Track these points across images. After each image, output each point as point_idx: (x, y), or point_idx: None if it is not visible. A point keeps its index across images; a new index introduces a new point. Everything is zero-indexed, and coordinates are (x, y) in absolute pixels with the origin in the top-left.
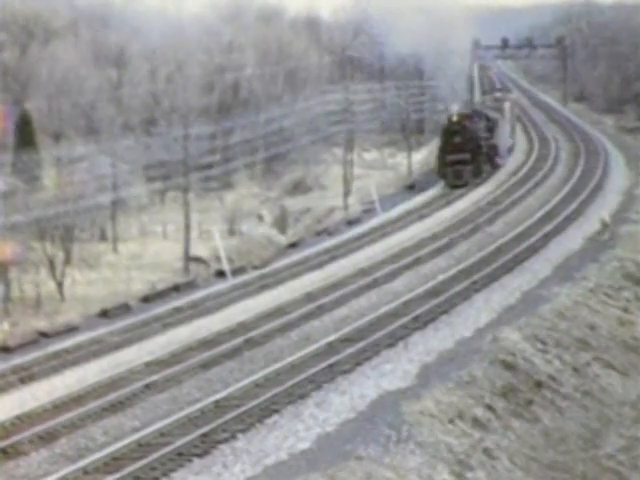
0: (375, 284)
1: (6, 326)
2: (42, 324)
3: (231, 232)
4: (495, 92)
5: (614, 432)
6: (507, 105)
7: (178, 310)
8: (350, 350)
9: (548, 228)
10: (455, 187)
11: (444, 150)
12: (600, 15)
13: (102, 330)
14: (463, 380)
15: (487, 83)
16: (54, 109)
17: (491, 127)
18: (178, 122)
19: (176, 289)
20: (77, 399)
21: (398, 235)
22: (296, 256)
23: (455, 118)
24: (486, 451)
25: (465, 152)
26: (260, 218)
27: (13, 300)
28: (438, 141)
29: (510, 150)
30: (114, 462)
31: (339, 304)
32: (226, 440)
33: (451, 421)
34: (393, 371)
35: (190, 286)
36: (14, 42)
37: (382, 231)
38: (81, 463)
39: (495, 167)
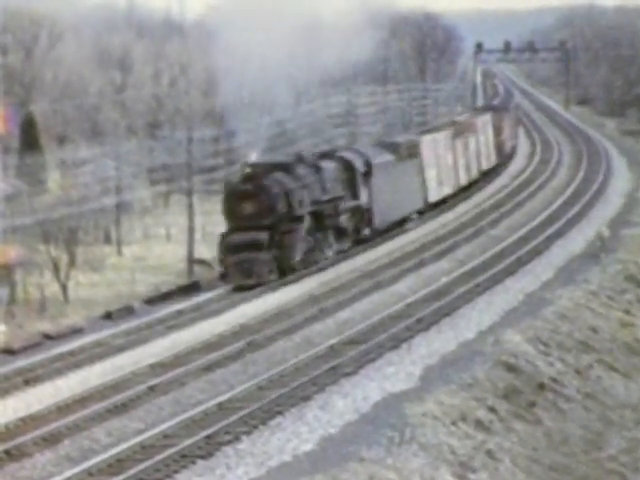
0: None
1: (2, 327)
2: (46, 326)
3: None
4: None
5: (616, 434)
6: (426, 141)
7: (181, 312)
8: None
9: (550, 231)
10: (242, 289)
11: (229, 226)
12: (602, 18)
13: (106, 332)
14: (466, 382)
15: (491, 89)
16: (58, 112)
17: (351, 179)
18: (182, 125)
19: (180, 291)
20: (81, 401)
21: None
22: None
23: (248, 171)
24: (489, 453)
25: (260, 229)
26: None
27: (17, 302)
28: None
29: (511, 153)
30: (118, 464)
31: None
32: (230, 442)
33: (454, 423)
34: (396, 373)
35: (194, 288)
36: (18, 45)
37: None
38: (85, 465)
39: (363, 241)
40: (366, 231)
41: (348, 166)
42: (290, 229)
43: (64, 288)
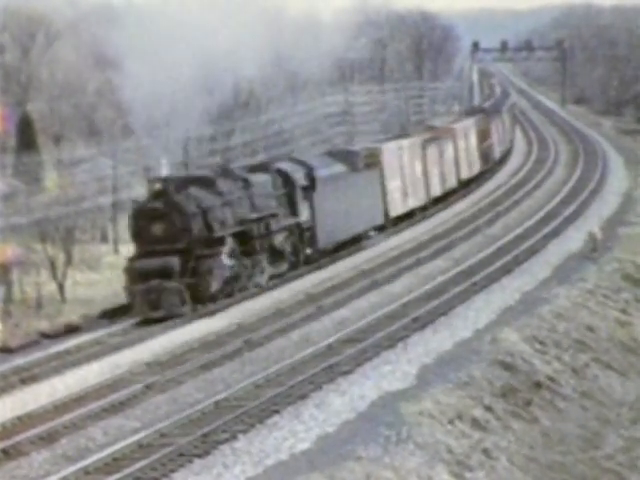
0: None
1: (0, 326)
2: (43, 325)
3: None
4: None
5: (613, 433)
6: (389, 148)
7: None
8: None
9: (547, 230)
10: (149, 322)
11: (137, 249)
12: (599, 18)
13: (103, 331)
14: (462, 381)
15: (488, 89)
16: (55, 111)
17: (289, 194)
18: (178, 124)
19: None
20: (78, 400)
21: None
22: None
23: (158, 187)
24: (485, 452)
25: (171, 253)
26: None
27: (14, 301)
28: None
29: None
30: (115, 462)
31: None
32: (226, 440)
33: (450, 422)
34: (393, 372)
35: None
36: (16, 43)
37: None
38: (82, 463)
39: (305, 263)
40: (308, 252)
41: (285, 179)
42: (208, 253)
43: (61, 287)
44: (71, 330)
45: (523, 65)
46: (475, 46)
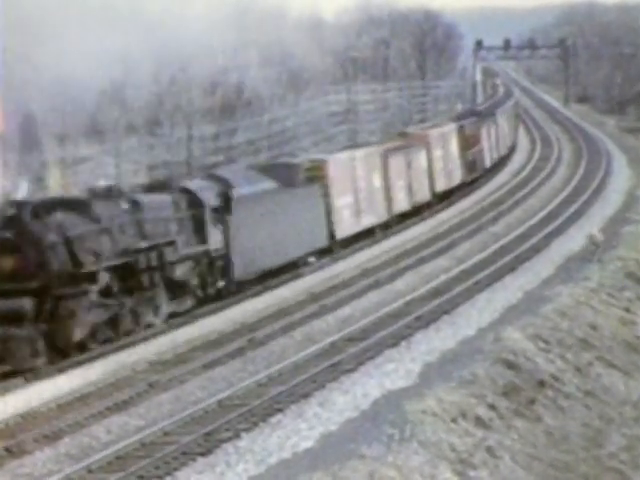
0: None
1: None
2: None
3: None
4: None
5: (616, 431)
6: (335, 161)
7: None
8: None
9: (550, 228)
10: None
11: None
12: (603, 16)
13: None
14: (465, 379)
15: (491, 89)
16: (58, 110)
17: (196, 218)
18: (182, 123)
19: None
20: (81, 398)
21: None
22: None
23: (12, 212)
24: (489, 450)
25: (23, 294)
26: None
27: None
28: None
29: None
30: (118, 461)
31: None
32: (229, 439)
33: (454, 420)
34: (396, 370)
35: None
36: (19, 42)
37: None
38: (85, 462)
39: (219, 298)
40: (220, 284)
41: (191, 200)
42: (70, 293)
43: None
44: None
45: (526, 63)
46: (478, 44)
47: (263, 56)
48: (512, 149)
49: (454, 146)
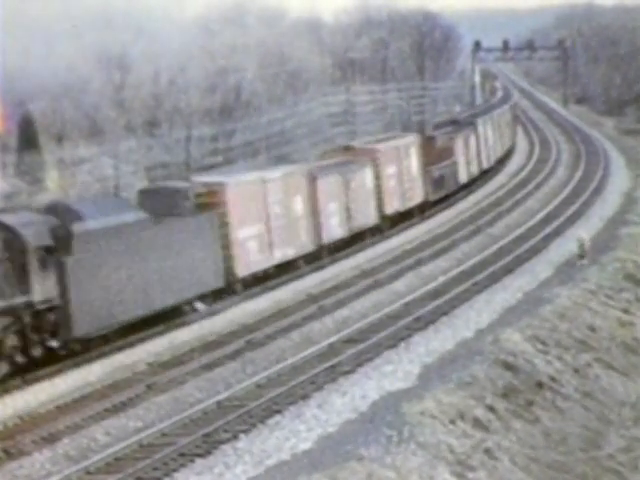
0: None
1: None
2: None
3: None
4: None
5: (614, 433)
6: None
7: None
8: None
9: (548, 230)
10: None
11: None
12: (601, 17)
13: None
14: (464, 381)
15: (489, 91)
16: (57, 110)
17: (17, 261)
18: (180, 124)
19: None
20: (79, 400)
21: None
22: None
23: None
24: (487, 451)
25: None
26: None
27: None
28: None
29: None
30: (116, 462)
31: None
32: (228, 440)
33: (452, 422)
34: (394, 372)
35: None
36: (18, 43)
37: None
38: (84, 463)
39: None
40: (53, 344)
41: (7, 239)
42: None
43: None
44: None
45: (525, 65)
46: (477, 46)
47: (262, 57)
48: (502, 160)
49: (414, 161)
